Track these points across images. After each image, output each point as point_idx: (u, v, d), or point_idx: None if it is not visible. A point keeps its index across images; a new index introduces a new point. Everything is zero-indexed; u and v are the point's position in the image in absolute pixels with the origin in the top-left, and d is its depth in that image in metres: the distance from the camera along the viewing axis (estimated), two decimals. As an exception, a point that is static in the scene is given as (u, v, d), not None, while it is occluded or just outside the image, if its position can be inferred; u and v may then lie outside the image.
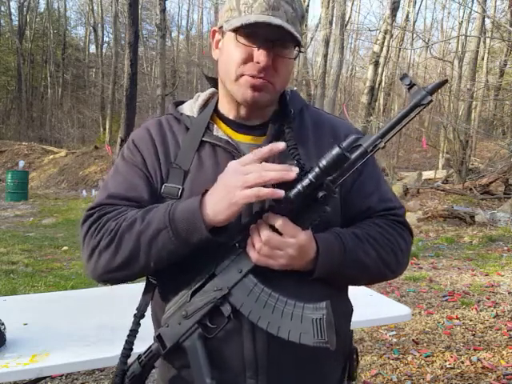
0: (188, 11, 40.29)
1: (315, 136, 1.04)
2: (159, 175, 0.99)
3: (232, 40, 0.94)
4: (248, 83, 0.94)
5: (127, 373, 0.98)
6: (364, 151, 0.83)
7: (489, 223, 8.17)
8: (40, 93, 29.93)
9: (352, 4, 20.47)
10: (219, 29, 1.00)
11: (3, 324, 1.65)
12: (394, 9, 13.57)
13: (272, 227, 0.86)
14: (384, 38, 14.40)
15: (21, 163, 15.57)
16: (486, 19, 12.44)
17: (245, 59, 0.93)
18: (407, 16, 18.16)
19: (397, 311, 2.13)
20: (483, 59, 15.96)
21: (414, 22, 20.54)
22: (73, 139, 24.09)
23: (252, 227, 0.88)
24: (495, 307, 4.31)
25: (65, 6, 31.47)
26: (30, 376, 1.54)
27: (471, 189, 10.23)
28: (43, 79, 30.09)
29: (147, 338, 1.00)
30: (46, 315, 1.98)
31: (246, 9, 0.92)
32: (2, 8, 28.50)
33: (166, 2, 14.78)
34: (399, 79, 0.84)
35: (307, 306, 0.86)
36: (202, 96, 1.09)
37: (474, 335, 3.66)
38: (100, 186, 1.07)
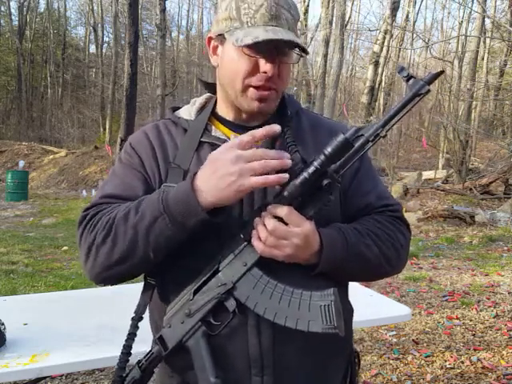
0: (188, 11, 40.21)
1: (313, 137, 1.04)
2: (158, 177, 0.99)
3: (234, 50, 0.93)
4: (255, 95, 0.95)
5: (127, 378, 0.96)
6: (366, 140, 0.84)
7: (489, 223, 8.17)
8: (40, 93, 29.92)
9: (352, 4, 20.48)
10: (217, 36, 0.98)
11: (3, 324, 1.65)
12: (394, 9, 13.58)
13: (276, 217, 0.86)
14: (384, 38, 14.42)
15: (21, 163, 15.57)
16: (486, 19, 12.45)
17: (251, 70, 0.93)
18: (407, 16, 18.17)
19: (397, 311, 2.14)
20: (483, 59, 15.96)
21: (414, 22, 20.54)
22: (73, 139, 24.09)
23: (256, 219, 0.89)
24: (495, 307, 4.31)
25: (65, 6, 31.48)
26: (30, 376, 1.54)
27: (471, 189, 10.23)
28: (43, 79, 30.08)
29: (147, 340, 1.00)
30: (46, 315, 1.98)
31: (249, 20, 0.91)
32: (2, 8, 28.51)
33: (166, 2, 14.79)
34: (397, 72, 0.87)
35: (315, 294, 0.86)
36: (199, 100, 1.10)
37: (474, 335, 3.66)
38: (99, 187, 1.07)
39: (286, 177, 0.82)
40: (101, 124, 24.71)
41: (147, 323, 1.03)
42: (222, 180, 0.82)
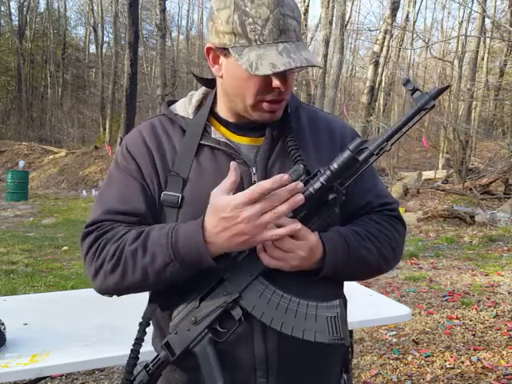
0: (188, 11, 40.25)
1: (312, 132, 1.05)
2: (156, 183, 0.97)
3: (244, 68, 0.89)
4: (268, 108, 0.94)
5: (134, 382, 0.97)
6: (370, 154, 0.86)
7: (489, 223, 8.17)
8: (40, 93, 29.92)
9: (352, 4, 20.49)
10: (218, 48, 0.92)
11: (3, 324, 1.65)
12: (394, 9, 13.58)
13: None
14: (384, 38, 14.41)
15: (21, 163, 15.57)
16: (486, 19, 12.45)
17: (263, 88, 0.92)
18: (407, 16, 18.18)
19: (397, 311, 2.14)
20: (483, 59, 15.96)
21: (414, 22, 20.56)
22: (73, 139, 24.09)
23: None
24: (495, 307, 4.31)
25: (65, 6, 31.48)
26: (30, 376, 1.54)
27: (471, 189, 10.23)
28: (43, 79, 30.08)
29: (148, 341, 1.00)
30: (46, 315, 1.98)
31: (257, 37, 0.87)
32: (2, 8, 28.50)
33: (166, 2, 14.79)
34: (402, 84, 0.86)
35: (320, 305, 0.87)
36: (196, 96, 1.06)
37: (474, 335, 3.66)
38: (97, 194, 1.05)
39: (297, 226, 0.84)
40: (101, 124, 24.72)
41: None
42: (235, 238, 0.83)
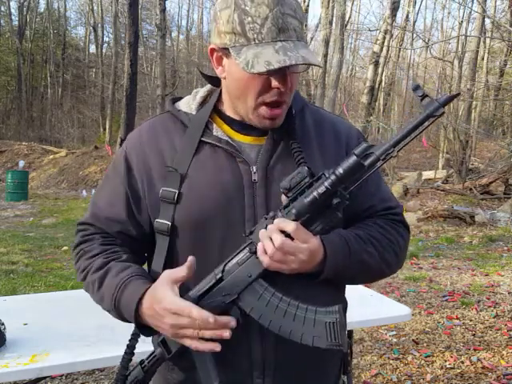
0: (188, 11, 40.13)
1: (316, 134, 1.04)
2: (147, 183, 0.99)
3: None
4: (267, 114, 0.94)
5: (129, 377, 0.97)
6: (376, 159, 0.84)
7: (489, 223, 8.17)
8: (40, 93, 29.91)
9: (352, 4, 20.48)
10: (221, 48, 0.93)
11: (3, 324, 1.65)
12: (394, 9, 13.58)
13: (283, 232, 0.86)
14: (384, 38, 14.41)
15: (21, 163, 15.57)
16: (486, 19, 12.45)
17: (263, 88, 0.91)
18: (407, 16, 18.17)
19: (397, 311, 2.14)
20: (483, 59, 15.96)
21: (414, 22, 20.55)
22: (73, 139, 24.08)
23: (262, 232, 0.88)
24: (495, 307, 4.31)
25: (65, 6, 31.46)
26: (30, 376, 1.54)
27: (471, 189, 10.23)
28: (43, 79, 30.07)
29: (148, 339, 1.00)
30: (46, 315, 1.98)
31: (255, 36, 0.86)
32: (2, 8, 28.49)
33: (166, 2, 14.79)
34: (412, 89, 0.84)
35: (319, 310, 0.86)
36: (201, 93, 1.06)
37: (474, 335, 3.66)
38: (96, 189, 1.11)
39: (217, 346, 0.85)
40: (101, 124, 24.71)
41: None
42: (159, 328, 0.90)
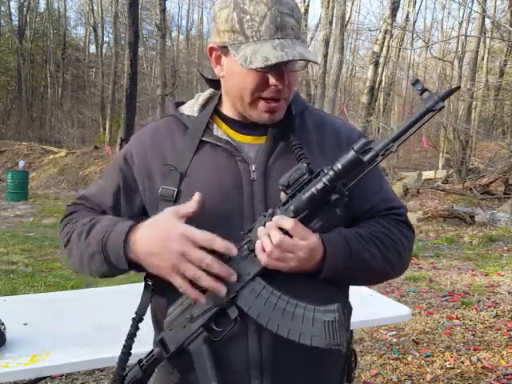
0: (188, 11, 40.05)
1: (317, 135, 1.03)
2: (148, 183, 1.00)
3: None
4: (265, 108, 0.94)
5: (127, 377, 0.96)
6: (376, 154, 0.83)
7: (489, 223, 8.17)
8: (40, 93, 29.90)
9: (352, 4, 20.47)
10: (219, 47, 0.94)
11: (3, 324, 1.65)
12: (394, 9, 13.58)
13: (281, 229, 0.85)
14: (384, 38, 14.41)
15: (21, 163, 15.56)
16: (486, 19, 12.44)
17: (260, 85, 0.92)
18: (407, 16, 18.17)
19: (397, 311, 2.14)
20: (483, 59, 15.95)
21: (414, 22, 20.54)
22: (73, 139, 24.07)
23: (260, 229, 0.87)
24: (495, 307, 4.31)
25: (65, 6, 31.45)
26: (30, 376, 1.54)
27: (471, 189, 10.23)
28: (43, 79, 30.06)
29: (147, 341, 1.00)
30: (46, 315, 1.98)
31: (254, 33, 0.88)
32: (2, 8, 28.47)
33: (166, 2, 14.79)
34: (411, 84, 0.84)
35: (318, 309, 0.85)
36: (203, 96, 1.08)
37: (474, 335, 3.66)
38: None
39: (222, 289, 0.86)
40: (101, 124, 24.70)
41: (146, 324, 1.03)
42: (160, 265, 0.88)
